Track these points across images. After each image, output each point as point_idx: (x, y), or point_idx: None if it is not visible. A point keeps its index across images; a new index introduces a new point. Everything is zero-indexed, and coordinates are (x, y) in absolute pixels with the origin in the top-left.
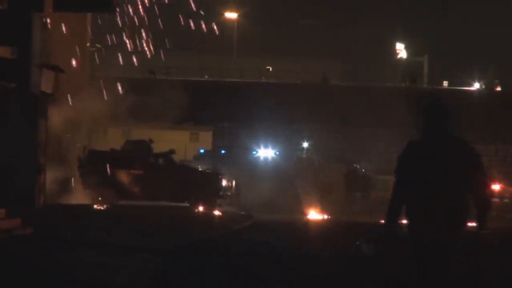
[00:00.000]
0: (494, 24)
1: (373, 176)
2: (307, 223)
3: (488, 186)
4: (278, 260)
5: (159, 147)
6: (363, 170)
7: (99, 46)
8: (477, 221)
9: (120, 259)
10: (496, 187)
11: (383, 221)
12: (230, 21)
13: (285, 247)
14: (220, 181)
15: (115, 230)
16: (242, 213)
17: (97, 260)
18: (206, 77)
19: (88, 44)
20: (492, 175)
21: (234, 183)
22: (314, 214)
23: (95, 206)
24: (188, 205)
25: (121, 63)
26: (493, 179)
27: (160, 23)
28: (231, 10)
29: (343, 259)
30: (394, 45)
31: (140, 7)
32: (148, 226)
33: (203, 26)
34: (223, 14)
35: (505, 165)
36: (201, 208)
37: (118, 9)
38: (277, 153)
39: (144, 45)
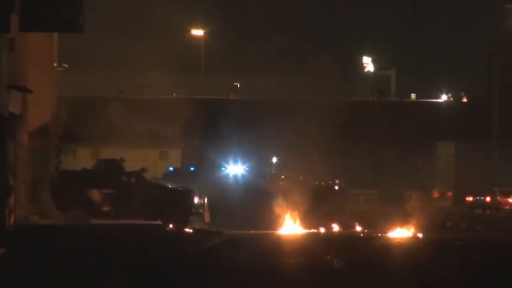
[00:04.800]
0: (461, 36)
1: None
2: (278, 237)
3: None
4: (248, 276)
5: (128, 166)
6: (338, 183)
7: (66, 65)
8: None
9: (92, 279)
10: None
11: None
12: (197, 38)
13: (256, 263)
14: (192, 198)
15: (86, 250)
16: (213, 230)
17: (70, 280)
18: (174, 94)
19: (55, 64)
20: None
21: (206, 200)
22: (287, 228)
23: (66, 226)
24: (160, 223)
25: (89, 82)
26: None
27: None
28: (197, 27)
29: (316, 272)
30: (361, 59)
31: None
32: (120, 245)
33: (171, 43)
34: (189, 31)
35: None
36: (173, 226)
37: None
38: (247, 169)
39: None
